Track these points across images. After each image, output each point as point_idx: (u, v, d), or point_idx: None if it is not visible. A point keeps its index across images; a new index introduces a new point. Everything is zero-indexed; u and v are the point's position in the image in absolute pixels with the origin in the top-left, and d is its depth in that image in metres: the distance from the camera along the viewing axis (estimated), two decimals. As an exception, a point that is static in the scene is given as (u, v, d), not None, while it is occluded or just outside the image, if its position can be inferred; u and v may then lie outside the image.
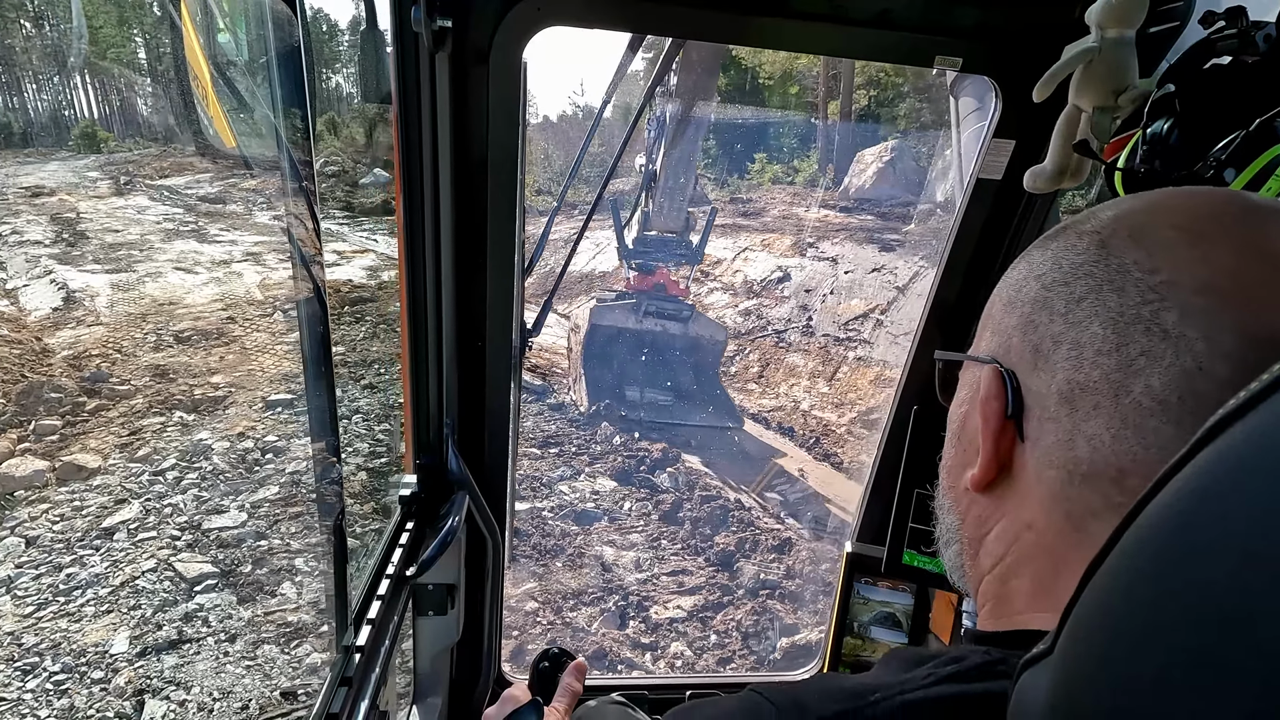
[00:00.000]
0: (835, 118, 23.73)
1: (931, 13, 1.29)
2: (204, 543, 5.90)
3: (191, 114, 40.49)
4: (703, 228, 11.22)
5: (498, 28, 1.25)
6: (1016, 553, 0.55)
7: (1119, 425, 0.47)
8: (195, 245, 14.49)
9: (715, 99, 10.19)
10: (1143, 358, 0.46)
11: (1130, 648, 0.31)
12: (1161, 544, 0.31)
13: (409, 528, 1.47)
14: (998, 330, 0.58)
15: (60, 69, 38.69)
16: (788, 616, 6.29)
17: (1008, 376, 0.55)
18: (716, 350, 11.59)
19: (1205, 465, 0.30)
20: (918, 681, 0.51)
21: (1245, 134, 0.85)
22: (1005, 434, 0.55)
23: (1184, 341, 0.45)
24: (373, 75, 1.26)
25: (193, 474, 6.86)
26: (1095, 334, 0.49)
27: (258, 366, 9.20)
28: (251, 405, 8.24)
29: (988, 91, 1.45)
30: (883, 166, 17.84)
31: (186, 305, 11.03)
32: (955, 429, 0.63)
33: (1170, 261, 0.47)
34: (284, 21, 0.94)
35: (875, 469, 1.86)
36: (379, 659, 1.18)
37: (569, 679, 1.12)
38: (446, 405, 1.51)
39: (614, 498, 8.05)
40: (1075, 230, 0.55)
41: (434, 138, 1.28)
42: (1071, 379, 0.50)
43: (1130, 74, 1.02)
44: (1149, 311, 0.47)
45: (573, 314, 12.12)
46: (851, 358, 12.48)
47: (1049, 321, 0.53)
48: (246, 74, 1.08)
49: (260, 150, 1.13)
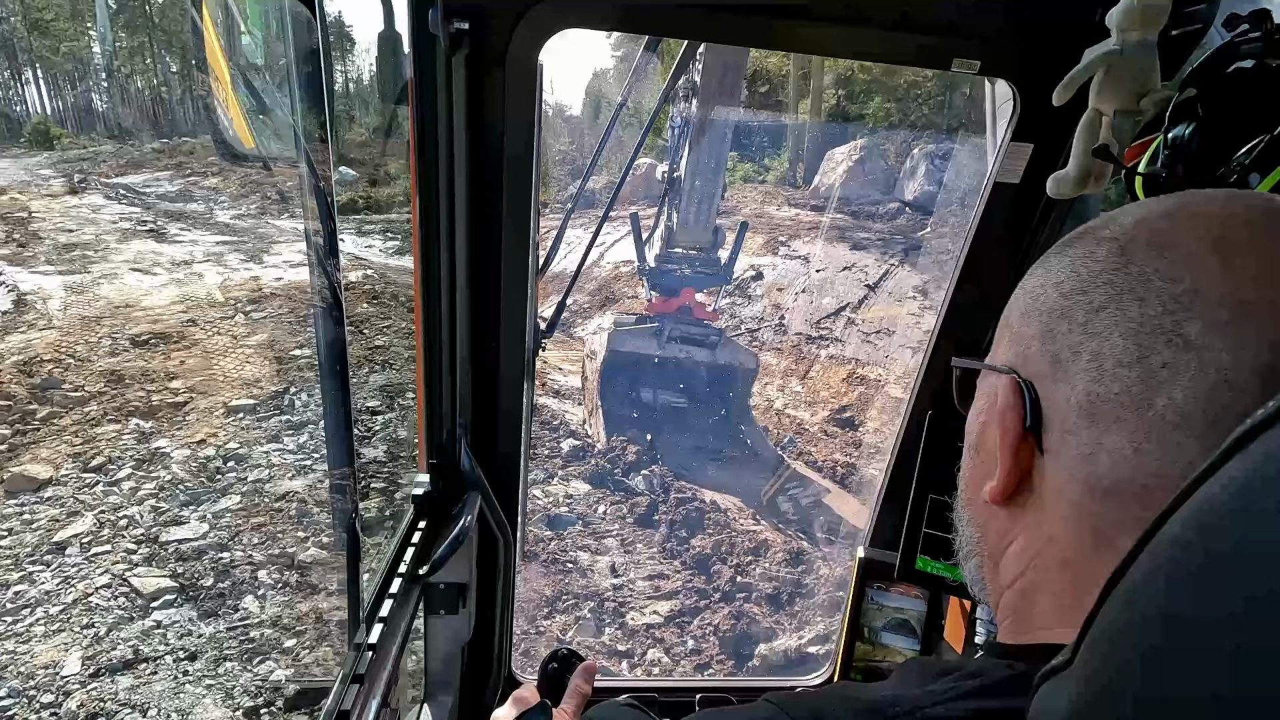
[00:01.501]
0: (806, 116, 23.94)
1: (949, 15, 1.29)
2: (161, 556, 5.73)
3: (149, 109, 38.94)
4: (733, 243, 10.20)
5: (514, 30, 1.25)
6: (1038, 567, 0.54)
7: (1141, 439, 0.46)
8: (154, 245, 14.03)
9: (743, 95, 9.55)
10: (1165, 370, 0.45)
11: (1151, 661, 0.30)
12: (1186, 556, 0.31)
13: (421, 527, 1.48)
14: (1015, 339, 0.57)
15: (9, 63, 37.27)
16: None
17: (1026, 387, 0.54)
18: (748, 379, 10.44)
19: (1232, 477, 0.29)
20: (939, 695, 0.50)
21: (1270, 138, 0.84)
22: (1024, 446, 0.54)
23: (1208, 354, 0.44)
24: (390, 77, 1.25)
25: (150, 483, 6.64)
26: (1116, 345, 0.48)
27: (220, 371, 8.92)
28: (214, 412, 7.99)
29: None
30: (852, 165, 17.98)
31: (145, 308, 10.58)
32: (974, 440, 0.62)
33: (1193, 270, 0.46)
34: (304, 23, 0.93)
35: (889, 474, 1.86)
36: (390, 657, 1.18)
37: (578, 680, 1.11)
38: (460, 405, 1.51)
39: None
40: (1094, 236, 0.54)
41: (450, 139, 1.28)
42: (1092, 391, 0.49)
43: (1152, 78, 1.01)
44: (1171, 322, 0.46)
45: (588, 339, 11.18)
46: (824, 356, 12.42)
47: (1068, 331, 0.51)
48: (266, 76, 1.06)
49: (279, 152, 1.11)
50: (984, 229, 1.57)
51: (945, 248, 13.83)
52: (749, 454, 9.73)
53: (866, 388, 11.48)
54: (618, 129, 3.46)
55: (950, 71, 1.33)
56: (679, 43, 3.70)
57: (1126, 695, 0.31)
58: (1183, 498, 0.32)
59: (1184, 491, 0.32)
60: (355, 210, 16.72)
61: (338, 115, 4.70)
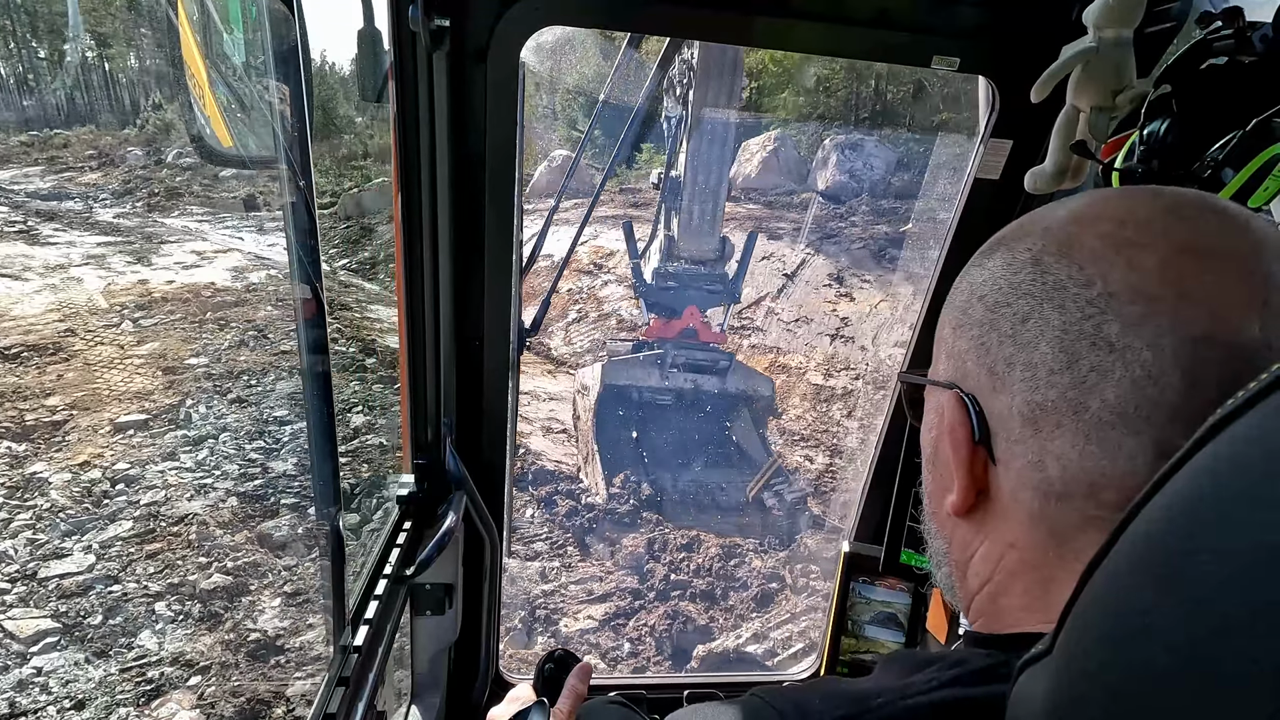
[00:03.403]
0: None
1: (929, 13, 1.30)
2: (42, 593, 5.18)
3: (14, 98, 35.10)
4: (741, 255, 8.94)
5: (495, 27, 1.25)
6: (1003, 571, 0.56)
7: (1083, 442, 0.48)
8: (24, 248, 12.96)
9: (743, 85, 8.51)
10: (1094, 374, 0.47)
11: (1129, 647, 0.31)
12: (1160, 544, 0.31)
13: (406, 527, 1.47)
14: (951, 354, 0.59)
15: None
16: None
17: (970, 401, 0.55)
18: (765, 408, 9.24)
19: (1203, 466, 0.30)
20: (920, 686, 0.51)
21: (1242, 134, 0.85)
22: (977, 459, 0.55)
23: (1130, 353, 0.46)
24: (370, 74, 1.25)
25: (25, 513, 6.03)
26: (1045, 354, 0.50)
27: (105, 385, 8.18)
28: (99, 430, 7.30)
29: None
30: (767, 155, 17.94)
31: (15, 317, 9.69)
32: (930, 454, 0.63)
33: (1102, 272, 0.48)
34: (282, 20, 0.93)
35: (873, 468, 1.87)
36: (376, 659, 1.18)
37: (574, 680, 1.11)
38: (444, 404, 1.51)
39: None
40: (1008, 248, 0.55)
41: (432, 137, 1.28)
42: (1030, 400, 0.51)
43: (1128, 74, 1.02)
44: (1092, 326, 0.47)
45: (579, 373, 9.75)
46: (745, 345, 12.21)
47: (999, 344, 0.53)
48: (244, 74, 1.06)
49: (258, 150, 1.11)
50: (965, 224, 1.58)
51: (855, 235, 14.04)
52: (775, 495, 8.21)
53: (789, 376, 11.31)
54: (598, 128, 3.44)
55: (930, 68, 1.33)
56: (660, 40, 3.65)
57: (1102, 681, 0.32)
58: (1153, 491, 0.33)
59: (1154, 485, 0.33)
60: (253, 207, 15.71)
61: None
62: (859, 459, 8.93)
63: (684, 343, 8.69)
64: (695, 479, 8.31)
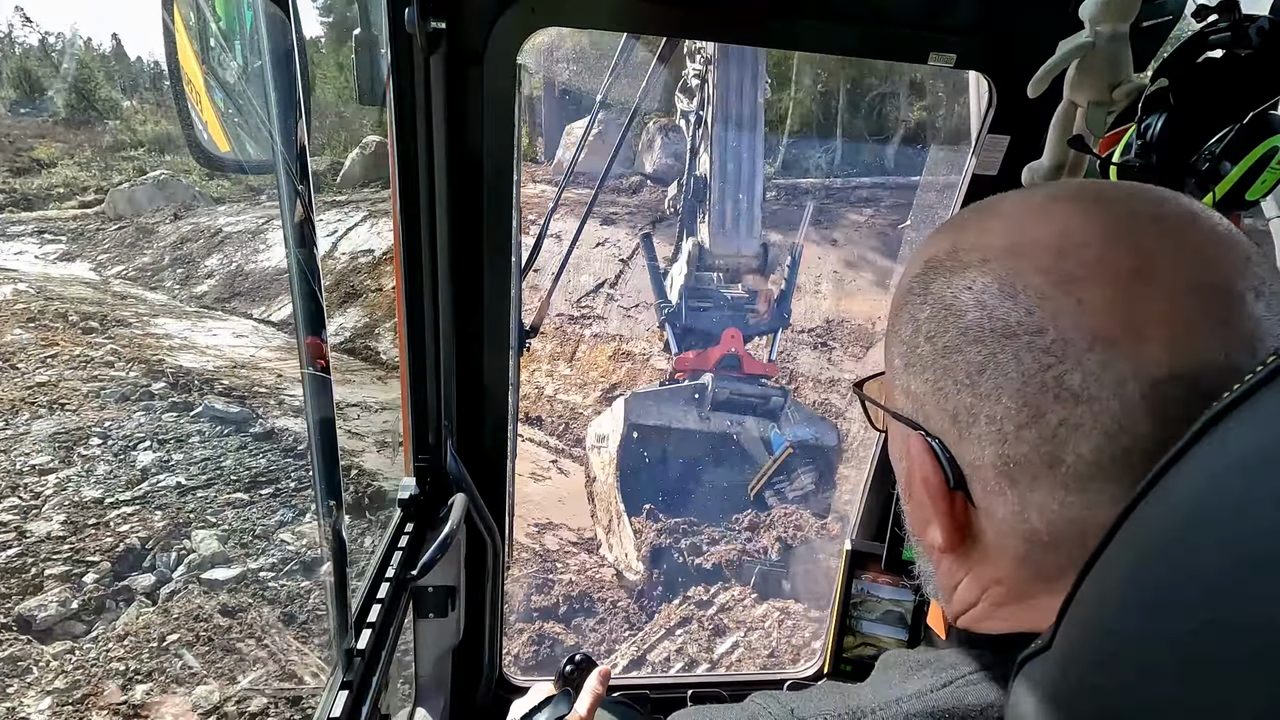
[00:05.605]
0: (537, 89, 20.86)
1: (925, 9, 1.30)
2: None
3: None
4: (788, 269, 7.47)
5: (492, 29, 1.25)
6: (989, 600, 0.56)
7: (1063, 494, 0.47)
8: None
9: (766, 83, 7.46)
10: (1063, 428, 0.45)
11: (1129, 641, 0.31)
12: (1159, 539, 0.32)
13: (408, 530, 1.47)
14: (907, 392, 0.56)
15: None
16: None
17: (939, 449, 0.53)
18: (828, 461, 7.21)
19: (1201, 462, 0.31)
20: (915, 692, 0.52)
21: (1239, 127, 0.85)
22: (956, 502, 0.54)
23: (1097, 404, 0.44)
24: (367, 77, 1.25)
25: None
26: (1008, 407, 0.47)
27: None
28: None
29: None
30: (591, 139, 17.62)
31: None
32: (904, 485, 0.60)
33: (1051, 316, 0.45)
34: (278, 24, 0.93)
35: (874, 464, 1.86)
36: (380, 662, 1.18)
37: (593, 682, 1.16)
38: (444, 406, 1.51)
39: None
40: (946, 279, 0.52)
41: (429, 139, 1.28)
42: (1001, 454, 0.48)
43: (1125, 68, 1.03)
44: (1053, 378, 0.45)
45: (592, 425, 7.65)
46: (588, 335, 11.97)
47: (956, 391, 0.50)
48: (240, 77, 1.06)
49: (255, 154, 1.11)
50: None
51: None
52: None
53: (634, 363, 11.18)
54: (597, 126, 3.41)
55: (926, 65, 1.33)
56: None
57: (1103, 674, 0.32)
58: (1149, 486, 0.33)
59: (1150, 480, 0.33)
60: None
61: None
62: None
63: (725, 375, 6.99)
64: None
